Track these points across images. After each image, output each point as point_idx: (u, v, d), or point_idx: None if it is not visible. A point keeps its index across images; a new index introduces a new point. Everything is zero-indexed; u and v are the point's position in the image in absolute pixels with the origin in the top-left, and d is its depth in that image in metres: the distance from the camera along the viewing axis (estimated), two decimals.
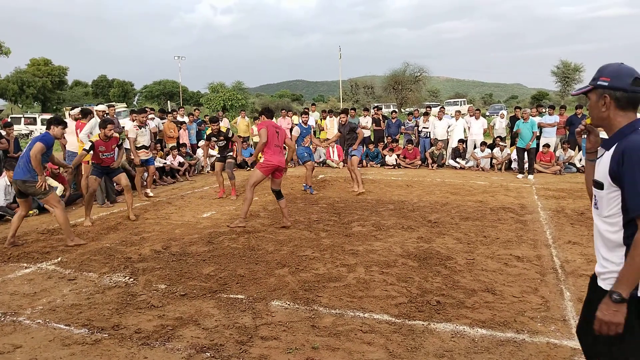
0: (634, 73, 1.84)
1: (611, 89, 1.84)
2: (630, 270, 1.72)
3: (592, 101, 1.92)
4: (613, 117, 1.86)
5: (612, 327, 1.75)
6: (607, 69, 1.89)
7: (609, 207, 1.85)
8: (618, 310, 1.73)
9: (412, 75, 48.09)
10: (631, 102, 1.84)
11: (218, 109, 37.45)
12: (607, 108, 1.86)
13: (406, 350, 3.02)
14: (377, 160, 13.02)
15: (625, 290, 1.73)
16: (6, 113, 36.15)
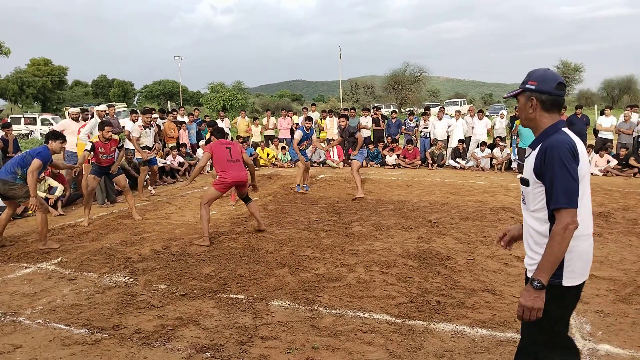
0: (558, 78, 2.01)
1: (538, 92, 2.00)
2: (549, 258, 1.85)
3: (521, 103, 2.07)
4: (539, 118, 2.02)
5: (533, 312, 1.87)
6: (535, 73, 2.04)
7: (534, 202, 1.98)
8: (538, 296, 1.86)
9: (412, 75, 48.07)
10: (555, 104, 2.00)
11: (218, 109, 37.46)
12: (534, 110, 2.02)
13: (406, 350, 3.02)
14: (377, 160, 13.02)
15: (544, 277, 1.86)
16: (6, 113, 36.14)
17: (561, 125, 1.99)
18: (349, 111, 14.37)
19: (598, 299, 3.82)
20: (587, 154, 2.03)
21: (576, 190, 1.86)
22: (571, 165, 1.86)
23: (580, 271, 1.96)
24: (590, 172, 2.05)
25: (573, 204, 1.85)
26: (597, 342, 3.11)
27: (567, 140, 1.91)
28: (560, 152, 1.87)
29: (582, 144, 1.97)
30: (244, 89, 49.09)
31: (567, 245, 1.85)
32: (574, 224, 1.85)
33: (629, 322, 3.40)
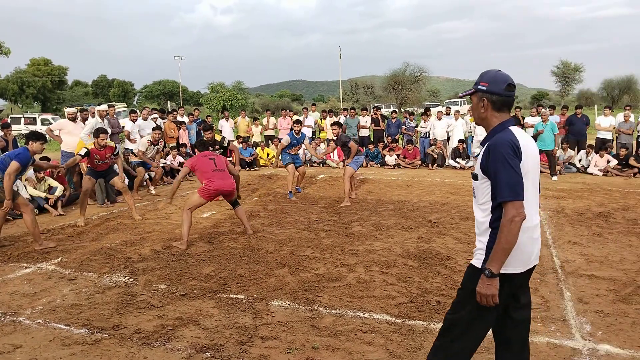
0: (508, 79, 2.12)
1: (489, 92, 2.12)
2: (498, 249, 1.97)
3: (473, 103, 2.20)
4: (490, 118, 2.15)
5: (488, 298, 2.01)
6: (487, 75, 2.16)
7: (482, 195, 2.12)
8: (490, 284, 2.00)
9: (412, 75, 48.04)
10: (505, 104, 2.13)
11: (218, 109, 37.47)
12: (486, 109, 2.15)
13: (406, 350, 3.02)
14: (377, 160, 13.02)
15: (494, 266, 1.99)
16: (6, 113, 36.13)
17: (509, 124, 2.11)
18: (349, 111, 14.34)
19: (598, 299, 3.83)
20: (534, 151, 2.13)
21: (519, 183, 1.96)
22: (513, 160, 1.98)
23: (515, 261, 2.04)
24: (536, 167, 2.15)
25: (518, 197, 1.95)
26: (597, 342, 3.11)
27: (509, 137, 2.03)
28: (502, 148, 2.00)
29: (528, 142, 2.09)
30: (244, 89, 49.08)
31: (514, 236, 1.95)
32: (520, 215, 1.94)
33: (629, 322, 3.40)
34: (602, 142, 11.63)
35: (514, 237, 1.95)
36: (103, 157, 6.63)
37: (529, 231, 2.07)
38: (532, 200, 2.09)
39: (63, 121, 8.63)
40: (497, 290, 2.00)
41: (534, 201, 2.12)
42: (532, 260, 2.12)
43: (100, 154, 6.58)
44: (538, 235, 2.15)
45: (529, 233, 2.07)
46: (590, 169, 11.20)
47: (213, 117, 20.46)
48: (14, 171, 5.13)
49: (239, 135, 13.84)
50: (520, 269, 2.08)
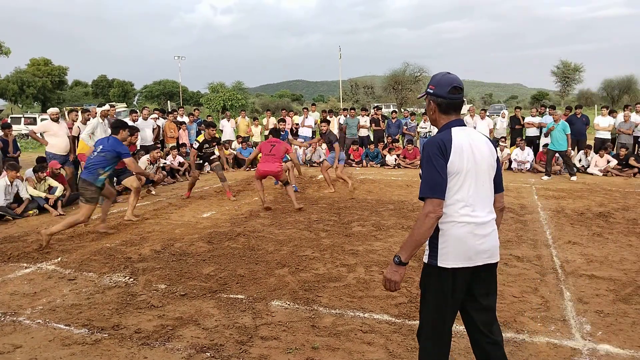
0: (453, 82, 2.15)
1: (435, 95, 2.18)
2: (409, 239, 2.05)
3: (426, 105, 2.27)
4: (438, 119, 2.21)
5: (391, 284, 2.09)
6: (435, 78, 2.22)
7: None
8: (397, 270, 2.08)
9: (412, 75, 48.02)
10: (451, 106, 2.17)
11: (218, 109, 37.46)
12: (434, 112, 2.21)
13: (406, 350, 3.02)
14: (377, 160, 13.02)
15: (404, 255, 2.06)
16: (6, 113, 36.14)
17: (453, 124, 2.16)
18: (349, 111, 14.34)
19: (598, 299, 3.82)
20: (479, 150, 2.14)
21: (439, 182, 2.03)
22: (437, 160, 2.04)
23: (455, 255, 2.07)
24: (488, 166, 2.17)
25: (434, 194, 2.01)
26: (597, 342, 3.11)
27: (440, 138, 2.10)
28: (428, 148, 2.08)
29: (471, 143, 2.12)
30: (244, 89, 49.06)
31: (426, 230, 2.01)
32: (435, 212, 2.01)
33: (629, 322, 3.40)
34: (602, 142, 11.64)
35: (425, 231, 2.01)
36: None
37: (469, 227, 2.08)
38: (477, 198, 2.11)
39: (46, 123, 8.46)
40: (401, 278, 2.08)
41: (481, 199, 2.13)
42: (478, 256, 2.11)
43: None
44: (487, 233, 2.13)
45: (468, 228, 2.08)
46: (590, 169, 11.20)
47: (213, 117, 20.44)
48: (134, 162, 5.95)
49: (239, 135, 13.84)
50: (462, 264, 2.08)
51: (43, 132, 8.41)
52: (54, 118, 8.29)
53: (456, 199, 2.07)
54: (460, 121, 2.19)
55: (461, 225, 2.08)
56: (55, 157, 8.12)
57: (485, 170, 2.16)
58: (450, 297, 2.11)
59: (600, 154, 11.17)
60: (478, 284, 2.18)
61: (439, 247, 2.09)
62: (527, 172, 11.40)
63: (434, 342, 2.17)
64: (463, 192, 2.08)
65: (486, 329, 2.21)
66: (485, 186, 2.16)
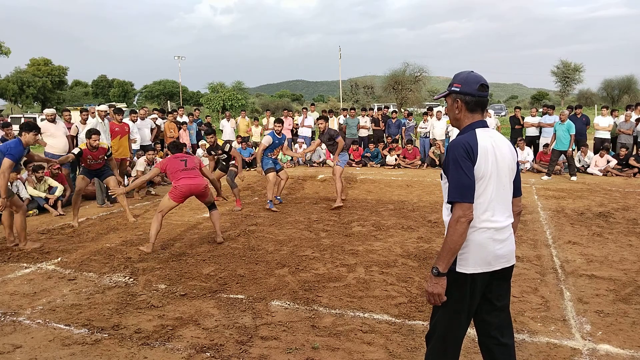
0: (480, 80, 2.13)
1: (462, 93, 2.13)
2: (444, 248, 1.99)
3: (448, 104, 2.21)
4: (463, 118, 2.16)
5: (435, 297, 2.04)
6: (459, 76, 2.17)
7: (446, 194, 2.11)
8: (437, 282, 2.02)
9: (412, 75, 48.01)
10: (478, 104, 2.13)
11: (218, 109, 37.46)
12: (460, 110, 2.16)
13: (406, 350, 3.02)
14: (377, 160, 13.02)
15: (441, 265, 2.00)
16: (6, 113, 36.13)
17: (477, 125, 2.12)
18: (349, 111, 14.35)
19: (598, 299, 3.82)
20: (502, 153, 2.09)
21: (468, 186, 1.98)
22: (464, 162, 2.00)
23: (474, 261, 2.05)
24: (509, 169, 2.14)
25: (464, 199, 1.97)
26: (597, 342, 3.11)
27: (466, 140, 2.04)
28: (455, 150, 2.03)
29: (495, 145, 2.08)
30: (244, 89, 49.05)
31: (460, 236, 1.97)
32: (466, 217, 1.97)
33: (629, 322, 3.40)
34: (601, 142, 11.64)
35: (459, 237, 1.97)
36: (96, 157, 6.62)
37: (490, 232, 2.06)
38: (497, 202, 2.08)
39: (44, 124, 8.44)
40: (444, 289, 2.02)
41: (500, 203, 2.10)
42: (497, 261, 2.09)
43: (92, 154, 6.54)
44: (505, 237, 2.11)
45: (488, 234, 2.06)
46: (590, 169, 11.20)
47: (213, 117, 20.45)
48: (8, 168, 4.94)
49: (239, 135, 13.84)
50: (481, 269, 2.06)
51: (41, 133, 8.39)
52: (50, 119, 8.28)
53: (479, 203, 2.04)
54: (484, 122, 2.15)
55: (482, 230, 2.05)
56: (54, 157, 8.10)
57: (506, 174, 2.12)
58: (468, 303, 2.09)
59: (601, 154, 11.17)
60: (493, 287, 2.15)
61: (458, 253, 2.04)
62: (527, 172, 11.39)
63: (447, 347, 2.13)
64: (485, 196, 2.05)
65: (497, 332, 2.19)
66: (505, 190, 2.12)
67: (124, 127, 8.48)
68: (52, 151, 8.15)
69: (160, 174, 9.86)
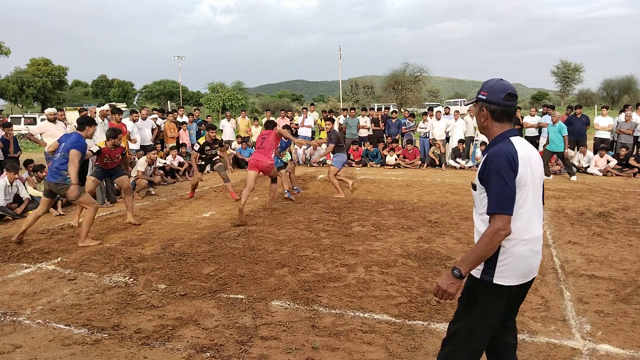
0: (507, 89, 2.08)
1: (487, 102, 2.10)
2: (473, 253, 1.97)
3: (475, 112, 2.19)
4: (490, 127, 2.13)
5: (445, 295, 2.01)
6: (487, 84, 2.14)
7: (480, 205, 2.09)
8: (454, 283, 1.99)
9: (412, 75, 48.05)
10: (504, 114, 2.09)
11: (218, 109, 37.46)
12: (486, 119, 2.13)
13: (406, 350, 3.02)
14: (377, 160, 13.02)
15: (465, 268, 1.97)
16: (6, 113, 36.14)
17: (510, 134, 2.08)
18: (348, 111, 14.35)
19: (598, 299, 3.82)
20: (537, 162, 2.08)
21: (510, 197, 1.95)
22: (507, 173, 1.95)
23: (513, 273, 2.01)
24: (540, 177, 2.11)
25: (506, 211, 1.93)
26: (597, 342, 3.11)
27: (506, 149, 2.00)
28: (497, 160, 1.97)
29: (530, 153, 2.05)
30: (244, 89, 49.07)
31: (493, 247, 1.94)
32: (505, 230, 1.93)
33: (629, 322, 3.40)
34: (601, 142, 11.65)
35: (492, 249, 1.95)
36: (113, 156, 6.67)
37: (530, 243, 2.04)
38: (534, 212, 2.05)
39: (44, 124, 8.45)
40: (457, 291, 2.01)
41: (537, 213, 2.07)
42: (531, 272, 2.08)
43: (111, 153, 6.62)
44: (539, 249, 2.10)
45: (529, 245, 2.03)
46: (590, 169, 11.20)
47: (213, 117, 20.45)
48: (76, 157, 5.37)
49: (239, 135, 13.84)
50: (518, 281, 2.04)
51: (41, 133, 8.40)
52: (51, 118, 8.27)
53: (520, 214, 1.99)
54: (516, 131, 2.12)
55: (524, 242, 2.01)
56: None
57: (539, 183, 2.10)
58: (500, 315, 2.07)
59: (601, 154, 11.17)
60: (519, 297, 2.14)
61: (498, 264, 2.01)
62: None
63: (465, 354, 2.11)
64: (526, 206, 2.01)
65: (509, 335, 2.20)
66: (539, 198, 2.10)
67: (122, 127, 8.48)
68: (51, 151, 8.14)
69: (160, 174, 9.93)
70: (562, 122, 10.56)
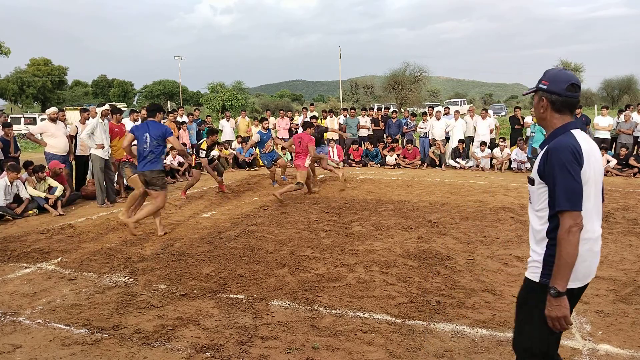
0: (570, 79, 1.97)
1: (548, 92, 2.00)
2: (559, 264, 1.83)
3: (535, 102, 2.09)
4: (550, 118, 2.02)
5: (560, 321, 1.85)
6: (548, 73, 2.03)
7: (538, 201, 1.97)
8: (559, 304, 1.83)
9: (412, 75, 48.03)
10: (566, 105, 1.98)
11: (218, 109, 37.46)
12: (545, 109, 2.02)
13: (406, 350, 3.02)
14: (377, 160, 13.02)
15: (560, 284, 1.83)
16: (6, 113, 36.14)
17: (571, 126, 1.97)
18: (348, 111, 14.36)
19: (598, 299, 3.82)
20: (598, 157, 1.98)
21: (578, 192, 1.83)
22: (573, 167, 1.84)
23: (575, 275, 1.89)
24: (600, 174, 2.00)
25: (575, 207, 1.82)
26: (597, 342, 3.11)
27: (570, 142, 1.88)
28: (562, 154, 1.86)
29: (592, 147, 1.95)
30: (244, 89, 49.07)
31: (574, 247, 1.81)
32: (578, 226, 1.81)
33: (629, 322, 3.40)
34: (600, 142, 11.65)
35: (574, 249, 1.81)
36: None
37: (590, 243, 1.94)
38: (594, 210, 1.95)
39: (44, 123, 8.40)
40: (568, 310, 1.83)
41: (596, 211, 1.97)
42: (590, 274, 1.98)
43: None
44: (599, 249, 2.00)
45: (589, 245, 1.93)
46: None
47: (213, 117, 20.45)
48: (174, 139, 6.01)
49: (239, 135, 13.84)
50: (580, 283, 1.94)
51: (41, 133, 8.38)
52: (52, 118, 8.24)
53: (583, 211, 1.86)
54: (577, 123, 2.00)
55: (584, 242, 1.89)
56: (55, 157, 8.09)
57: (600, 179, 1.99)
58: None
59: (600, 153, 11.17)
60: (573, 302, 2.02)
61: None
62: (527, 172, 11.39)
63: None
64: (589, 203, 1.90)
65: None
66: (599, 195, 1.99)
67: (122, 127, 8.49)
68: (52, 151, 8.14)
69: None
70: None
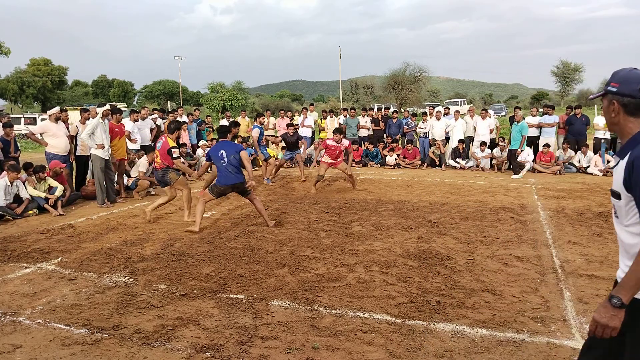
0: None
1: (619, 94, 1.81)
2: (632, 277, 1.69)
3: (604, 106, 1.90)
4: (623, 123, 1.83)
5: (607, 330, 1.73)
6: (618, 74, 1.85)
7: (627, 216, 1.79)
8: (616, 315, 1.71)
9: (412, 75, 48.04)
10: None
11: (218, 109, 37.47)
12: (617, 114, 1.84)
13: (406, 350, 3.02)
14: (377, 160, 13.02)
15: (625, 295, 1.70)
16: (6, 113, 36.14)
17: None
18: (348, 111, 14.36)
19: (598, 299, 3.82)
20: None
21: None
22: None
23: None
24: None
25: None
26: None
27: None
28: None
29: None
30: (244, 89, 49.10)
31: None
32: None
33: None
34: (601, 142, 11.65)
35: None
36: None
37: None
38: None
39: (45, 123, 8.39)
40: (620, 323, 1.72)
41: None
42: None
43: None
44: None
45: None
46: (590, 169, 11.21)
47: (213, 117, 20.45)
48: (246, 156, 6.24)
49: (239, 135, 13.82)
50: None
51: (42, 132, 8.38)
52: (56, 116, 8.24)
53: None
54: None
55: None
56: (56, 157, 8.09)
57: None
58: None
59: (600, 153, 11.17)
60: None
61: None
62: (527, 172, 11.39)
63: None
64: None
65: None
66: None
67: (121, 127, 8.49)
68: (53, 151, 8.14)
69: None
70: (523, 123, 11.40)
